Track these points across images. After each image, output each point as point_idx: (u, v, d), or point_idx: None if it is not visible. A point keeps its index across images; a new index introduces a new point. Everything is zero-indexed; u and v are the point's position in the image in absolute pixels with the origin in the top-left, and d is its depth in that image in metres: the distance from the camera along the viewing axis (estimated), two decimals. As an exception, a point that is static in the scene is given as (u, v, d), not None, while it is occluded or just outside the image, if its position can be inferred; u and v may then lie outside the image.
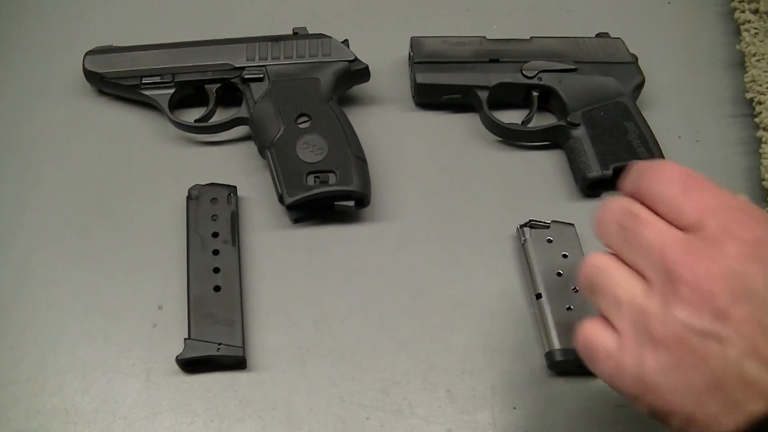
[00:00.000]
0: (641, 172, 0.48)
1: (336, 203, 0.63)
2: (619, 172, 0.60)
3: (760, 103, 0.70)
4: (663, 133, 0.70)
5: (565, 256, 0.62)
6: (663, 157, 0.65)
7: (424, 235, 0.65)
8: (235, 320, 0.59)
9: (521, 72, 0.70)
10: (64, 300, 0.61)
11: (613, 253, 0.48)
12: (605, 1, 0.79)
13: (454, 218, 0.66)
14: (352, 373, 0.59)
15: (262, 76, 0.67)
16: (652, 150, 0.66)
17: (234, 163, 0.67)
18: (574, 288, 0.60)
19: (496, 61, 0.70)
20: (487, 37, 0.72)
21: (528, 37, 0.72)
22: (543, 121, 0.71)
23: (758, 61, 0.72)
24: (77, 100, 0.71)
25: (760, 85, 0.70)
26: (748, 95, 0.71)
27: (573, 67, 0.70)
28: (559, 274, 0.61)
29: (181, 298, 0.60)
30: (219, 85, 0.68)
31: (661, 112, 0.72)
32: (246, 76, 0.67)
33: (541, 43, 0.72)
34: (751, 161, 0.70)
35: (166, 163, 0.68)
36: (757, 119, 0.69)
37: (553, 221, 0.63)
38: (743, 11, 0.75)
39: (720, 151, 0.71)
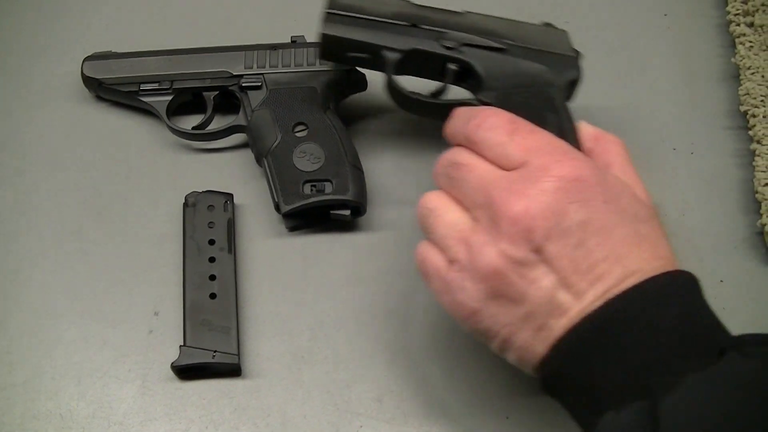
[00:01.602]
0: (466, 119, 0.52)
1: (332, 212, 0.64)
2: None
3: (753, 116, 0.71)
4: (658, 145, 0.72)
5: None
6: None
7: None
8: (230, 327, 0.60)
9: (441, 42, 0.64)
10: (60, 305, 0.62)
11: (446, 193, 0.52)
12: (602, 12, 0.80)
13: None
14: (347, 381, 0.60)
15: (260, 84, 0.68)
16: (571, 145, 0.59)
17: (231, 171, 0.68)
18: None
19: (417, 26, 0.64)
20: (414, 1, 0.66)
21: (462, 11, 0.66)
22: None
23: (753, 74, 0.73)
24: (75, 106, 0.72)
25: (754, 98, 0.71)
26: (743, 108, 0.72)
27: (501, 46, 0.64)
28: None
29: (177, 304, 0.61)
30: (217, 92, 0.69)
31: (656, 123, 0.73)
32: (244, 84, 0.68)
33: (473, 19, 0.66)
34: (746, 173, 0.70)
35: (163, 169, 0.69)
36: (751, 132, 0.70)
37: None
38: (738, 24, 0.76)
39: (714, 163, 0.71)
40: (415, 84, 0.66)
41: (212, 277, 0.61)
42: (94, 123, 0.71)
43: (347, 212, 0.64)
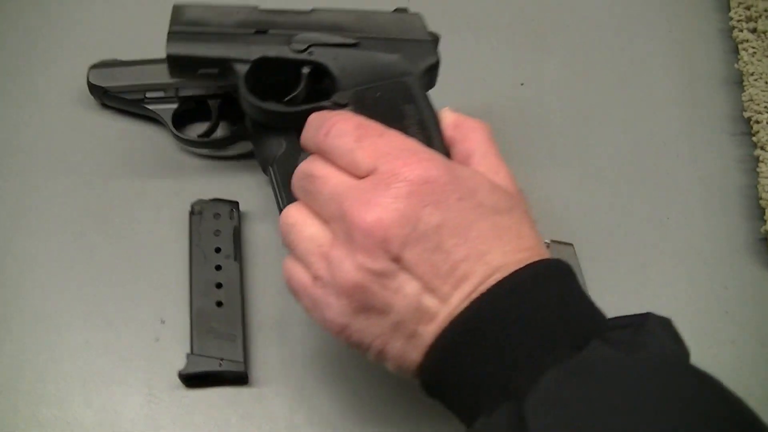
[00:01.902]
0: (317, 128, 0.51)
1: None
2: None
3: (757, 122, 0.71)
4: (661, 150, 0.72)
5: (563, 274, 0.64)
6: (444, 146, 0.56)
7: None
8: (237, 335, 0.60)
9: (290, 46, 0.62)
10: (66, 311, 0.63)
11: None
12: (604, 17, 0.81)
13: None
14: (354, 388, 0.60)
15: None
16: (431, 137, 0.57)
17: (237, 179, 0.69)
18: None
19: (264, 32, 0.62)
20: (260, 7, 0.64)
21: (310, 9, 0.64)
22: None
23: (756, 80, 0.73)
24: (80, 113, 0.72)
25: (758, 104, 0.72)
26: (746, 114, 0.73)
27: (353, 41, 0.62)
28: (557, 292, 0.63)
29: (183, 312, 0.62)
30: (221, 100, 0.69)
31: (658, 129, 0.74)
32: None
33: (322, 16, 0.63)
34: (749, 179, 0.71)
35: (168, 177, 0.69)
36: (754, 138, 0.71)
37: (552, 241, 0.65)
38: (741, 30, 0.77)
39: (718, 168, 0.72)
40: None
41: (218, 285, 0.62)
42: (100, 130, 0.71)
43: None
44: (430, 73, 0.63)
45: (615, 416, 0.39)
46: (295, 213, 0.51)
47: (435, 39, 0.65)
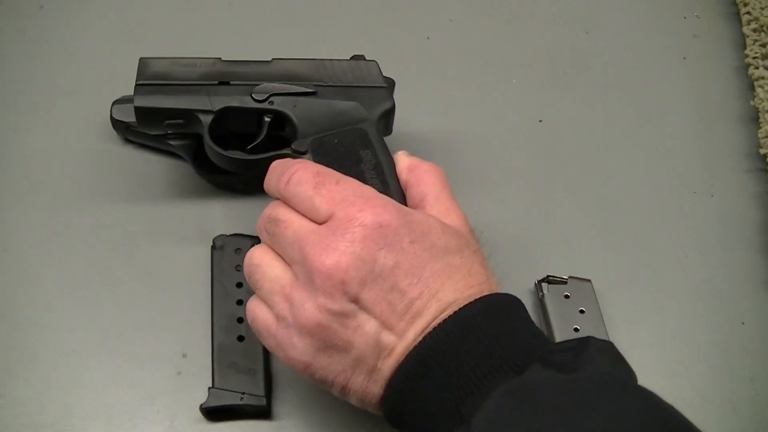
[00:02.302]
0: (279, 175, 0.55)
1: None
2: None
3: (773, 159, 0.72)
4: (677, 187, 0.73)
5: (582, 311, 0.64)
6: (400, 189, 0.59)
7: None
8: (258, 369, 0.61)
9: (251, 95, 0.65)
10: (89, 345, 0.63)
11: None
12: (621, 55, 0.82)
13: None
14: (374, 423, 0.60)
15: None
16: (387, 180, 0.60)
17: (257, 214, 0.69)
18: (591, 342, 0.62)
19: (227, 83, 0.65)
20: (223, 58, 0.67)
21: (270, 59, 0.68)
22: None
23: (772, 117, 0.74)
24: (104, 147, 0.73)
25: (774, 141, 0.73)
26: (762, 151, 0.74)
27: (311, 90, 0.65)
28: (576, 330, 0.63)
29: (205, 346, 0.63)
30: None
31: (676, 165, 0.75)
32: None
33: (282, 65, 0.67)
34: (766, 215, 0.72)
35: (191, 212, 0.70)
36: (770, 175, 0.72)
37: (570, 277, 0.66)
38: (757, 67, 0.78)
39: (734, 205, 0.73)
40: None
41: (240, 320, 0.63)
42: (122, 165, 0.72)
43: None
44: (386, 118, 0.67)
45: (552, 429, 0.42)
46: (259, 255, 0.54)
47: (390, 85, 0.68)
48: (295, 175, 0.54)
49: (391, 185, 0.60)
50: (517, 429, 0.43)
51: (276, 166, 0.57)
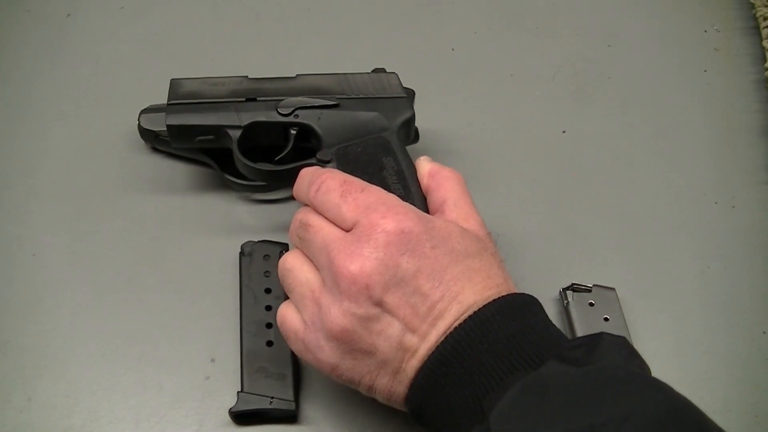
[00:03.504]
0: (308, 183, 0.58)
1: None
2: None
3: (795, 172, 0.73)
4: (699, 199, 0.74)
5: (606, 319, 0.65)
6: (422, 195, 0.62)
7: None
8: (287, 374, 0.62)
9: (277, 110, 0.68)
10: (118, 350, 0.65)
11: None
12: (645, 69, 0.84)
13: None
14: (403, 427, 0.61)
15: None
16: (408, 187, 0.63)
17: (285, 221, 0.70)
18: (616, 351, 0.63)
19: (254, 99, 0.69)
20: (249, 68, 0.72)
21: (294, 75, 0.71)
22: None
23: (793, 130, 0.76)
24: (132, 154, 0.75)
25: (795, 154, 0.74)
26: (783, 163, 0.75)
27: (334, 103, 0.68)
28: (601, 337, 0.64)
29: (233, 351, 0.64)
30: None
31: (697, 177, 0.76)
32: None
33: (305, 81, 0.71)
34: (786, 227, 0.73)
35: (219, 218, 0.72)
36: (791, 188, 0.73)
37: (594, 285, 0.67)
38: (777, 82, 0.79)
39: (756, 217, 0.74)
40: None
41: (269, 326, 0.64)
42: (150, 171, 0.74)
43: None
44: (407, 127, 0.69)
45: (566, 421, 0.43)
46: (291, 260, 0.57)
47: (410, 95, 0.71)
48: (324, 184, 0.56)
49: (412, 190, 0.62)
50: (530, 420, 0.45)
51: (305, 174, 0.59)
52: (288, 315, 0.56)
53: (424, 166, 0.62)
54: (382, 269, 0.51)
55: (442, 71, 0.83)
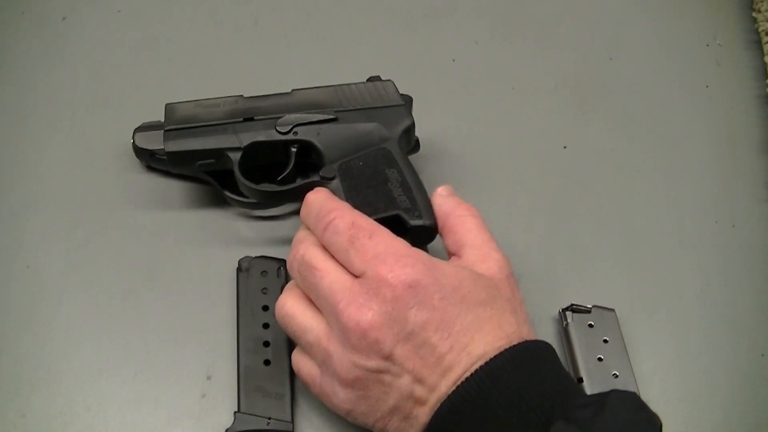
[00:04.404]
0: (316, 217, 0.58)
1: None
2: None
3: (795, 190, 0.73)
4: (700, 216, 0.75)
5: (605, 341, 0.65)
6: (429, 204, 0.63)
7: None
8: (284, 394, 0.62)
9: (276, 128, 0.68)
10: (114, 365, 0.64)
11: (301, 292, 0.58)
12: (647, 83, 0.84)
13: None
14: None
15: None
16: (414, 197, 0.63)
17: (283, 237, 0.71)
18: (615, 373, 0.63)
19: (251, 119, 0.69)
20: (245, 95, 0.71)
21: (289, 90, 0.71)
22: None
23: (794, 148, 0.76)
24: (129, 163, 0.74)
25: (796, 172, 0.74)
26: (784, 181, 0.75)
27: (332, 117, 0.68)
28: (600, 359, 0.64)
29: (230, 369, 0.64)
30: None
31: (698, 194, 0.76)
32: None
33: (301, 95, 0.70)
34: (787, 246, 0.73)
35: (216, 234, 0.71)
36: (792, 206, 0.73)
37: (594, 306, 0.67)
38: (779, 98, 0.79)
39: (756, 235, 0.74)
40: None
41: (266, 344, 0.64)
42: (147, 185, 0.73)
43: None
44: (407, 134, 0.69)
45: None
46: (291, 304, 0.58)
47: (408, 102, 0.70)
48: (332, 224, 0.56)
49: (418, 200, 0.63)
50: None
51: (312, 202, 0.59)
52: (302, 363, 0.58)
53: (439, 204, 0.62)
54: (390, 323, 0.51)
55: (442, 82, 0.82)
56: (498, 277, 0.56)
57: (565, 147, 0.78)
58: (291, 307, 0.57)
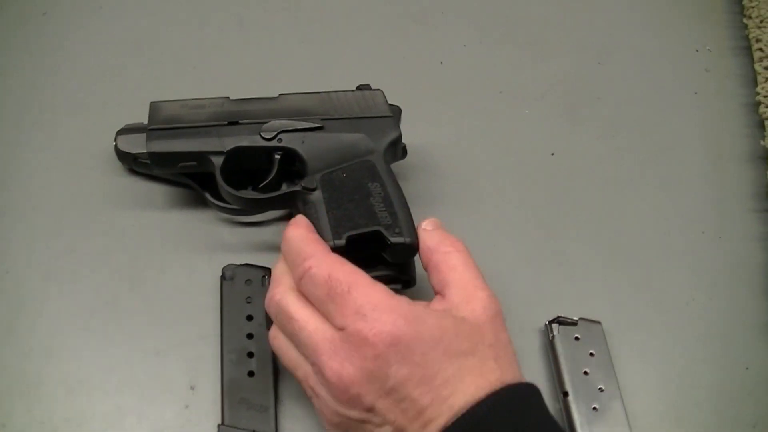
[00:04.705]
0: (294, 262, 0.57)
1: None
2: (355, 241, 0.60)
3: (782, 201, 0.74)
4: (686, 228, 0.75)
5: (591, 354, 0.65)
6: (411, 221, 0.62)
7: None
8: (269, 406, 0.61)
9: (260, 134, 0.67)
10: (96, 375, 0.64)
11: None
12: (635, 91, 0.83)
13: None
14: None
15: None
16: (396, 213, 0.62)
17: (268, 244, 0.70)
18: (600, 387, 0.63)
19: (236, 123, 0.68)
20: (231, 97, 0.70)
21: (276, 95, 0.70)
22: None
23: (782, 158, 0.76)
24: (111, 166, 0.73)
25: (784, 183, 0.74)
26: (771, 192, 0.75)
27: (318, 125, 0.67)
28: (585, 373, 0.64)
29: (213, 379, 0.63)
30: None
31: (685, 204, 0.76)
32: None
33: (288, 101, 0.69)
34: (772, 259, 0.74)
35: (199, 240, 0.70)
36: (779, 217, 0.73)
37: (580, 318, 0.67)
38: (768, 106, 0.79)
39: (742, 246, 0.74)
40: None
41: (250, 354, 0.63)
42: (129, 187, 0.73)
43: (398, 286, 0.64)
44: (393, 147, 0.68)
45: None
46: (278, 343, 0.58)
47: (396, 113, 0.69)
48: (309, 273, 0.55)
49: (400, 216, 0.62)
50: None
51: (291, 241, 0.58)
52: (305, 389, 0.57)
53: (424, 240, 0.60)
54: (372, 379, 0.51)
55: (430, 85, 0.82)
56: (482, 319, 0.55)
57: (552, 154, 0.78)
58: (281, 341, 0.57)
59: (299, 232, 0.59)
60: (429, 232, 0.61)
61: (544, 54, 0.85)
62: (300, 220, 0.60)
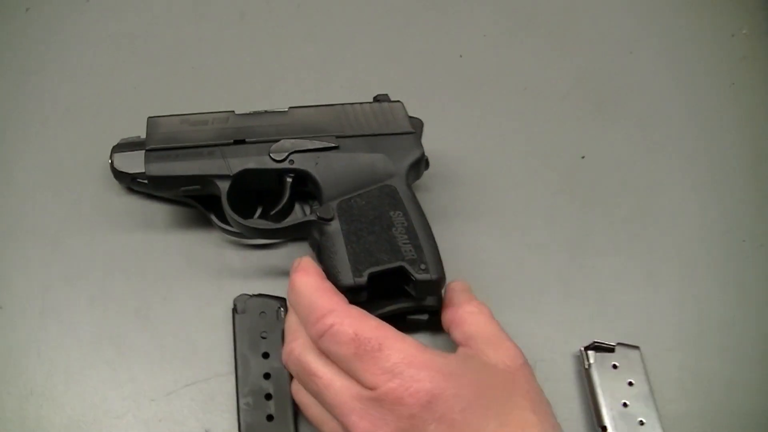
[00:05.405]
0: (308, 320, 0.53)
1: (408, 317, 0.61)
2: (377, 278, 0.57)
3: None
4: (726, 236, 0.71)
5: (630, 384, 0.62)
6: (437, 254, 0.59)
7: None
8: (290, 454, 0.58)
9: (269, 155, 0.63)
10: (102, 420, 0.60)
11: None
12: (669, 89, 0.79)
13: (515, 335, 0.62)
14: None
15: None
16: (421, 245, 0.59)
17: (281, 265, 0.66)
18: (641, 420, 0.60)
19: (242, 142, 0.63)
20: (236, 104, 0.65)
21: (286, 108, 0.65)
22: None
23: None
24: (107, 183, 0.68)
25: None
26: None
27: (333, 144, 0.63)
28: (624, 405, 0.61)
29: (230, 421, 0.60)
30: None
31: (725, 211, 0.72)
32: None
33: (299, 116, 0.64)
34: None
35: (207, 263, 0.66)
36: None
37: (618, 344, 0.63)
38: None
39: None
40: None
41: (268, 397, 0.60)
42: (127, 208, 0.68)
43: (425, 317, 0.61)
44: (416, 169, 0.64)
45: None
46: (301, 397, 0.56)
47: (418, 128, 0.65)
48: (331, 332, 0.52)
49: (425, 249, 0.58)
50: None
51: (301, 292, 0.55)
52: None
53: (450, 298, 0.59)
54: None
55: (449, 81, 0.77)
56: (512, 366, 0.54)
57: (583, 157, 0.73)
58: (304, 396, 0.55)
59: (309, 280, 0.55)
60: (456, 292, 0.59)
61: (571, 44, 0.80)
62: (307, 265, 0.57)
